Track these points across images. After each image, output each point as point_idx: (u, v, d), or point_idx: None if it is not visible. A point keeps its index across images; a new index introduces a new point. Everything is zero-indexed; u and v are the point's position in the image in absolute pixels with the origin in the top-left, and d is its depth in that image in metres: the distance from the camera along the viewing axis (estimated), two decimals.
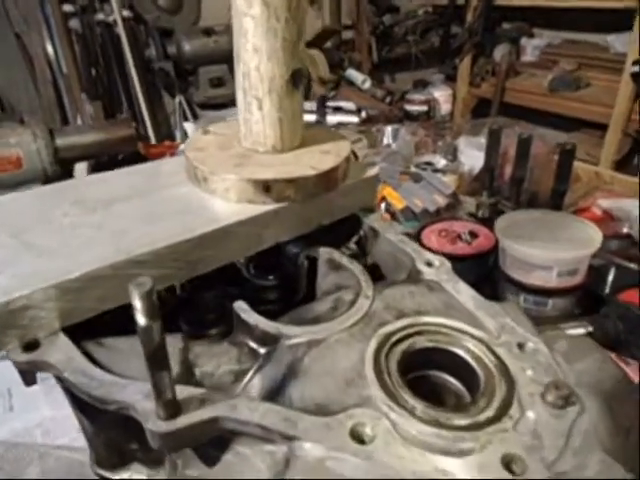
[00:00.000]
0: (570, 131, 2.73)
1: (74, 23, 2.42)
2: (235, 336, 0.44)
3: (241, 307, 0.44)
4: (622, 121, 2.36)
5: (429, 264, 0.51)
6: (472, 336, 0.42)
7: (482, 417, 0.35)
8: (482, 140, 1.88)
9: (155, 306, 0.29)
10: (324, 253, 0.53)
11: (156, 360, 0.31)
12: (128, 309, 0.31)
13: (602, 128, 2.49)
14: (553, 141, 1.65)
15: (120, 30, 2.41)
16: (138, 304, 0.28)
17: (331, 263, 0.52)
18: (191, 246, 0.46)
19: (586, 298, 1.02)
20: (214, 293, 0.60)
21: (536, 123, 2.39)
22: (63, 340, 0.40)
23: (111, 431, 0.48)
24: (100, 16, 2.43)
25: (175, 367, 0.40)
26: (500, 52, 2.98)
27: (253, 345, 0.43)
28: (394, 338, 0.41)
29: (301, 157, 0.54)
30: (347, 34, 3.32)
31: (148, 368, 0.31)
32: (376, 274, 0.55)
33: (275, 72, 0.50)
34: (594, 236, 0.96)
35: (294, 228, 0.53)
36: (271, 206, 0.50)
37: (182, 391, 0.35)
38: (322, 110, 2.16)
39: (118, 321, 0.43)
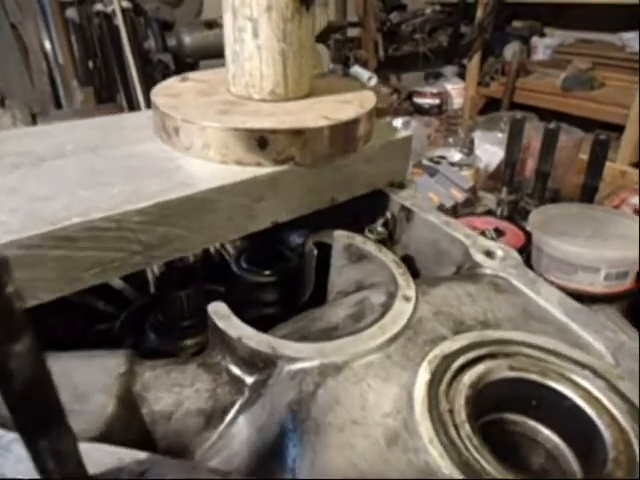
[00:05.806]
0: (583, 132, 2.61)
1: (71, 13, 2.32)
2: (209, 355, 0.29)
3: (218, 311, 0.28)
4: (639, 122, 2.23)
5: (489, 254, 0.36)
6: (577, 363, 0.27)
7: None
8: (499, 135, 1.75)
9: (14, 310, 0.14)
10: (341, 237, 0.38)
11: (27, 414, 0.16)
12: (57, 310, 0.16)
13: (617, 129, 2.37)
14: (578, 135, 1.52)
15: (119, 22, 2.30)
16: None
17: (351, 252, 0.37)
18: (146, 220, 0.31)
19: (635, 307, 0.87)
20: (191, 290, 0.45)
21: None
22: None
23: None
24: (99, 6, 2.32)
25: (109, 406, 0.25)
26: (510, 50, 2.87)
27: (235, 370, 0.28)
28: (455, 364, 0.26)
29: (311, 106, 0.39)
30: (353, 31, 3.20)
31: (16, 429, 0.16)
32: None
33: None
34: None
35: (299, 202, 0.38)
36: (268, 169, 0.36)
37: (102, 458, 0.20)
38: None
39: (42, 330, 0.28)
